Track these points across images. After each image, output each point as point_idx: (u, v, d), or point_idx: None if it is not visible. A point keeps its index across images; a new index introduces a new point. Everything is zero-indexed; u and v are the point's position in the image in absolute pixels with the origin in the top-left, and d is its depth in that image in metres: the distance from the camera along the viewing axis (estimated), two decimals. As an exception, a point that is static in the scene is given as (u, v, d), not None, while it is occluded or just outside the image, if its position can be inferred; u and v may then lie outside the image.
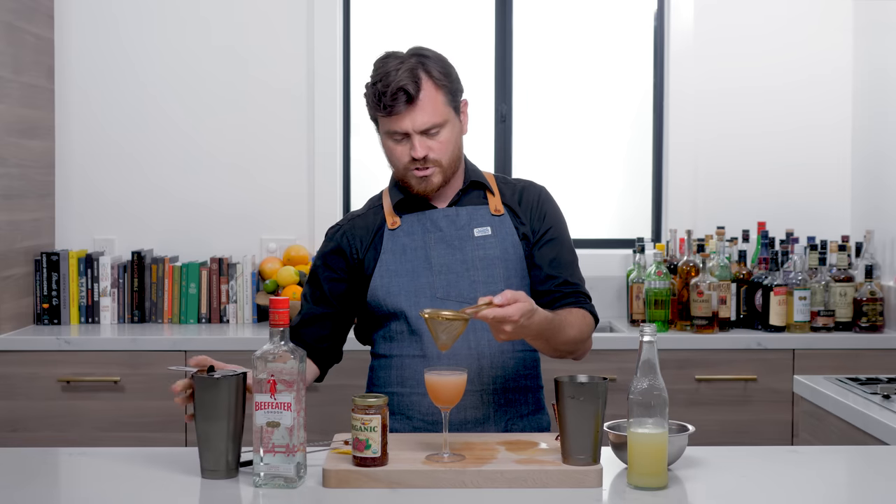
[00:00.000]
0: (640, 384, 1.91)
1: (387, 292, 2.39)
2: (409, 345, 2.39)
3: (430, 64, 2.34)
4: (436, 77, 2.33)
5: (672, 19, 4.27)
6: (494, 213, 2.43)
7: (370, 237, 2.43)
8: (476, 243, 2.40)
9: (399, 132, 2.33)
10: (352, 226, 2.46)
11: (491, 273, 2.38)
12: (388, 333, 2.42)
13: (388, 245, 2.41)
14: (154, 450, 2.21)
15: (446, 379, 2.07)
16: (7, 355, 3.66)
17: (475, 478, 1.93)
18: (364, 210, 2.51)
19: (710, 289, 3.80)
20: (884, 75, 4.06)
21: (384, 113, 2.32)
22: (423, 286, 2.37)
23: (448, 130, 2.35)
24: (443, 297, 2.37)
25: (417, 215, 2.43)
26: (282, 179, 4.24)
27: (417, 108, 2.31)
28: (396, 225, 2.42)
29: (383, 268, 2.40)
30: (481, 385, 2.36)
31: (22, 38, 3.88)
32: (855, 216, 4.25)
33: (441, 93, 2.34)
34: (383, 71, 2.33)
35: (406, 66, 2.31)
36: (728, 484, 1.99)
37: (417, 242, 2.40)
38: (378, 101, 2.32)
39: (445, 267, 2.38)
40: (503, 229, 2.42)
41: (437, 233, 2.41)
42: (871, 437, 2.51)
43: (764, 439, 3.69)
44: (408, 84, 2.29)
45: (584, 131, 4.40)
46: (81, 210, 4.21)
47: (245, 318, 4.04)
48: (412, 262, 2.39)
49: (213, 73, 4.22)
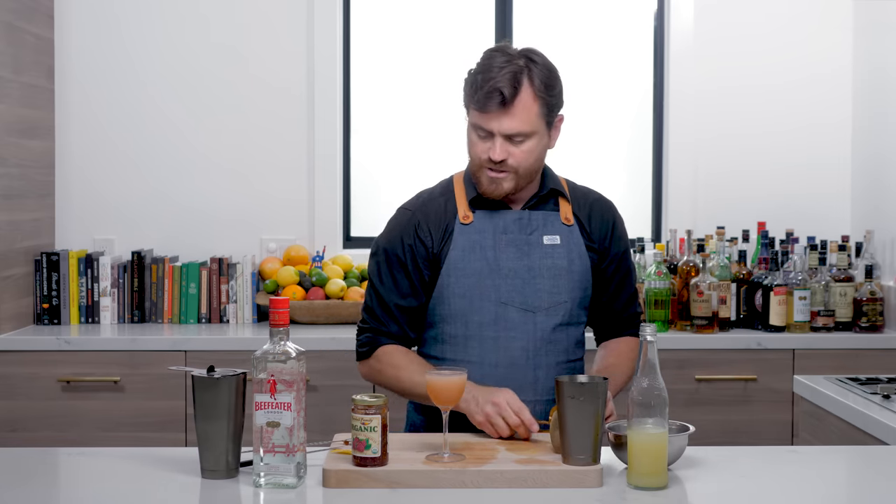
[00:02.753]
0: (640, 384, 1.91)
1: (451, 291, 2.36)
2: (465, 349, 2.36)
3: (535, 71, 2.29)
4: (537, 86, 2.28)
5: (672, 19, 4.27)
6: (565, 222, 2.41)
7: (443, 228, 2.38)
8: (544, 251, 2.38)
9: (485, 129, 2.30)
10: (425, 213, 2.40)
11: (556, 283, 2.37)
12: (442, 336, 2.39)
13: (459, 240, 2.37)
14: (154, 450, 2.21)
15: (447, 379, 2.08)
16: (7, 355, 3.66)
17: (475, 478, 1.93)
18: (437, 193, 2.44)
19: (710, 289, 3.80)
20: (884, 75, 4.06)
21: (476, 107, 2.29)
22: (488, 288, 2.35)
23: (534, 142, 2.31)
24: (506, 302, 2.35)
25: (489, 213, 2.39)
26: (282, 179, 4.24)
27: (509, 113, 2.27)
28: (469, 220, 2.38)
29: (451, 264, 2.36)
30: (535, 395, 2.36)
31: (22, 38, 3.88)
32: (855, 216, 4.25)
33: (538, 104, 2.29)
34: (488, 64, 2.28)
35: (511, 68, 2.26)
36: (728, 484, 1.99)
37: (487, 242, 2.37)
38: (473, 94, 2.29)
39: (512, 272, 2.36)
40: (572, 239, 2.40)
41: (508, 235, 2.38)
42: (871, 437, 2.51)
43: (764, 439, 3.69)
44: (506, 87, 2.25)
45: (584, 131, 4.40)
46: (81, 210, 4.21)
47: (245, 318, 4.04)
48: (480, 263, 2.35)
49: (214, 73, 4.22)
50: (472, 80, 2.31)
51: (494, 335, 2.34)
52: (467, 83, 2.32)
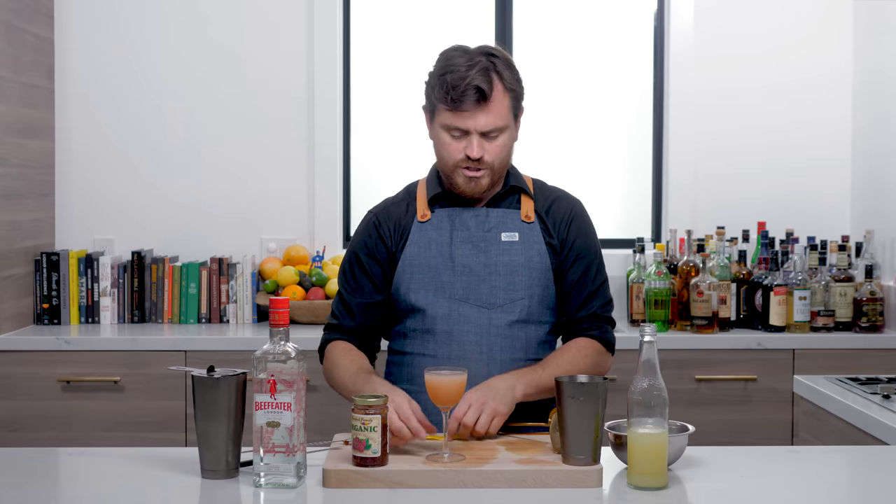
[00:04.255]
0: (640, 384, 1.91)
1: (407, 287, 2.39)
2: (422, 343, 2.39)
3: (500, 65, 2.30)
4: (506, 80, 2.30)
5: (672, 19, 4.27)
6: (524, 219, 2.41)
7: (401, 228, 2.42)
8: (502, 248, 2.38)
9: (460, 129, 2.30)
10: (387, 214, 2.46)
11: (512, 280, 2.38)
12: (404, 330, 2.42)
13: (415, 237, 2.40)
14: (154, 450, 2.21)
15: (446, 379, 2.08)
16: (7, 355, 3.66)
17: (475, 478, 1.93)
18: (399, 198, 2.49)
19: (710, 289, 3.80)
20: (884, 76, 4.06)
21: (450, 107, 2.29)
22: (444, 285, 2.37)
23: (506, 135, 2.33)
24: (461, 299, 2.36)
25: (448, 211, 2.41)
26: (282, 179, 4.24)
27: (485, 110, 2.28)
28: (426, 218, 2.41)
29: (407, 261, 2.39)
30: None
31: (22, 38, 3.88)
32: (855, 216, 4.25)
33: (508, 97, 2.31)
34: (453, 64, 2.29)
35: (481, 65, 2.28)
36: (728, 484, 1.99)
37: (444, 238, 2.39)
38: (445, 94, 2.28)
39: (467, 268, 2.37)
40: (531, 237, 2.40)
41: (465, 231, 2.39)
42: (871, 437, 2.51)
43: (764, 439, 3.69)
44: (482, 83, 2.26)
45: (584, 131, 4.40)
46: (81, 210, 4.21)
47: (245, 318, 4.04)
48: (435, 259, 2.38)
49: (213, 73, 4.22)
50: (438, 81, 2.30)
51: (448, 329, 2.36)
52: (433, 85, 2.32)
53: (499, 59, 2.32)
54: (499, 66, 2.30)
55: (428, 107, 2.37)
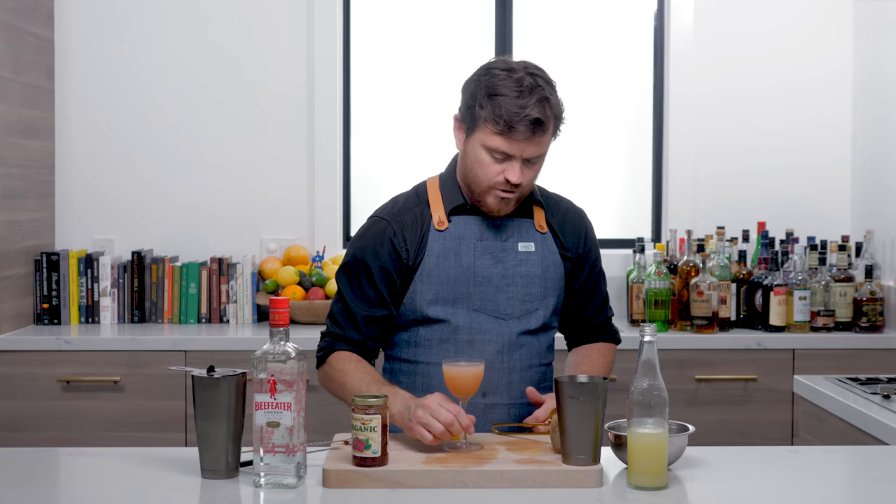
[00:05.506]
0: (640, 384, 1.91)
1: (424, 298, 2.35)
2: (439, 353, 2.35)
3: (547, 91, 2.25)
4: (553, 107, 2.26)
5: (672, 19, 4.27)
6: (539, 229, 2.41)
7: (419, 237, 2.36)
8: (519, 258, 2.37)
9: (505, 153, 2.26)
10: (400, 223, 2.37)
11: (529, 291, 2.38)
12: (416, 338, 2.38)
13: (434, 247, 2.35)
14: (154, 450, 2.21)
15: (464, 370, 2.12)
16: (7, 355, 3.66)
17: (475, 478, 1.94)
18: (410, 203, 2.40)
19: (710, 289, 3.80)
20: (883, 76, 4.06)
21: (501, 131, 2.23)
22: (462, 296, 2.34)
23: (543, 160, 2.33)
24: (478, 310, 2.35)
25: (465, 219, 2.38)
26: (282, 180, 4.24)
27: (536, 140, 2.25)
28: (444, 226, 2.36)
29: (425, 272, 2.34)
30: (510, 399, 2.37)
31: (22, 38, 3.88)
32: (855, 216, 4.25)
33: (552, 125, 2.28)
34: (504, 85, 2.23)
35: (536, 94, 2.22)
36: (728, 484, 1.99)
37: (463, 248, 2.35)
38: (497, 118, 2.22)
39: (486, 279, 2.35)
40: (546, 247, 2.41)
41: (484, 242, 2.37)
42: (871, 437, 2.52)
43: (764, 439, 3.69)
44: (540, 115, 2.22)
45: (584, 131, 4.40)
46: (81, 210, 4.21)
47: (245, 318, 4.04)
48: (455, 269, 2.34)
49: (213, 73, 4.22)
50: (490, 102, 2.23)
51: (469, 338, 2.35)
52: (481, 103, 2.25)
53: (548, 84, 2.27)
54: (546, 90, 2.25)
55: (467, 120, 2.30)
